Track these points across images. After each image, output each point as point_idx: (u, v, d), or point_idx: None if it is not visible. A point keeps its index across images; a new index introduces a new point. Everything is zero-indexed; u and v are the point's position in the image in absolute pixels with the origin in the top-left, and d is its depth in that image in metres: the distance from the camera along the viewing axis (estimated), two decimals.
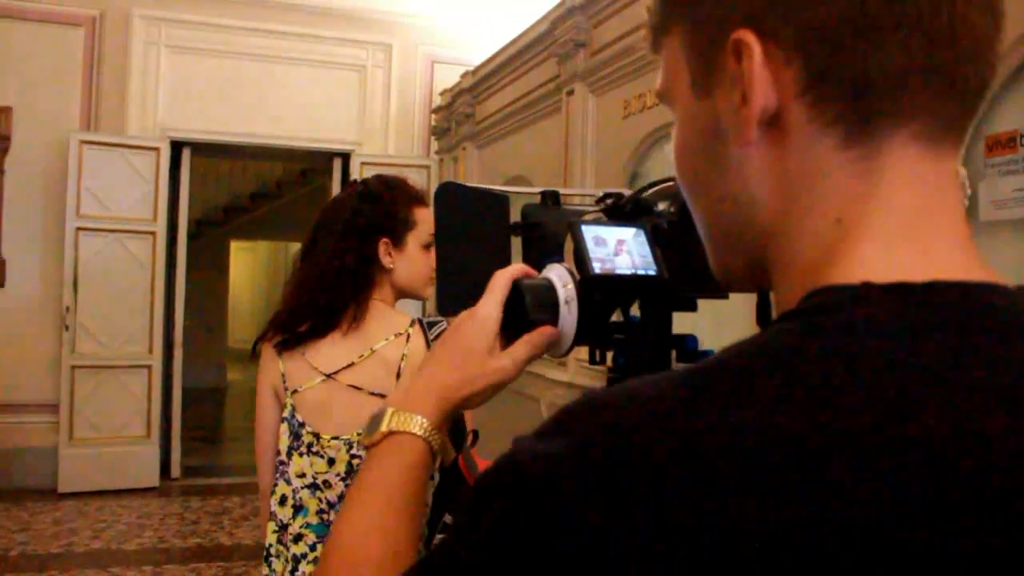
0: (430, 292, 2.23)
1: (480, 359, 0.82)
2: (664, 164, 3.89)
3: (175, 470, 7.02)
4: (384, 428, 0.79)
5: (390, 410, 0.80)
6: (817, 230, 0.52)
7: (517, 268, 0.87)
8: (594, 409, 0.48)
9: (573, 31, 4.48)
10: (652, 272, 0.84)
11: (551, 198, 0.98)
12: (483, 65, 6.17)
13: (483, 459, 2.08)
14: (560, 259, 0.88)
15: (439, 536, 1.94)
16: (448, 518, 1.94)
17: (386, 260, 2.10)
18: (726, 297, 0.89)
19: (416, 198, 2.18)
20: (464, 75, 6.54)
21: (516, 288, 0.86)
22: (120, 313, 6.53)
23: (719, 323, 2.74)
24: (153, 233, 6.68)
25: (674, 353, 0.92)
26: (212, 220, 13.39)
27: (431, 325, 2.13)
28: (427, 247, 2.14)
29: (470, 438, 2.08)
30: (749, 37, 0.51)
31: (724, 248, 0.61)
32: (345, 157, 7.36)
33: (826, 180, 0.52)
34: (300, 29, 7.18)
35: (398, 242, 2.12)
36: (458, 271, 0.99)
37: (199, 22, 6.98)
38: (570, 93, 4.63)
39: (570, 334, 0.84)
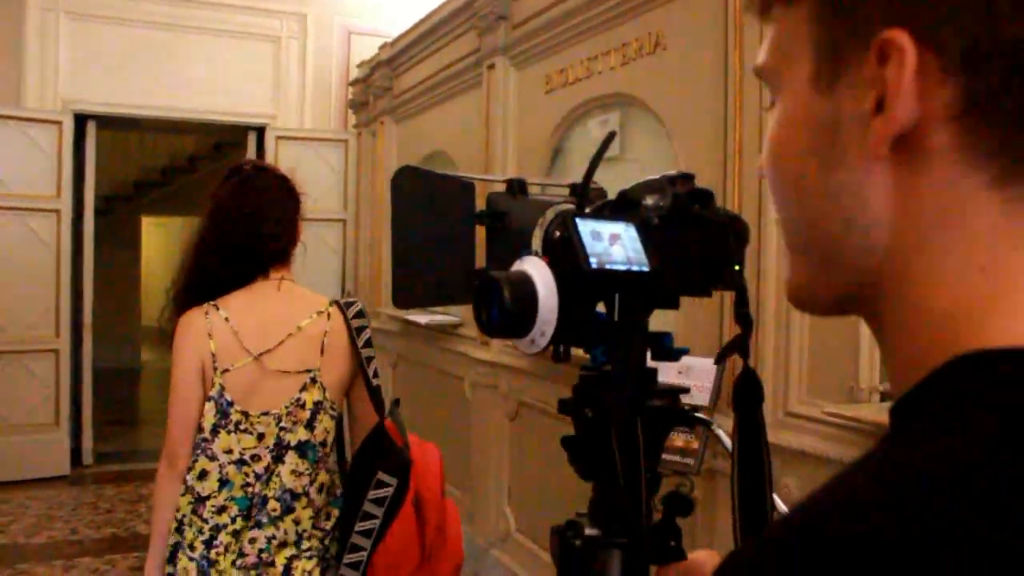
0: None
1: None
2: (586, 142, 3.85)
3: (87, 457, 6.79)
4: None
5: None
6: (955, 277, 0.46)
7: None
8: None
9: (493, 3, 4.39)
10: (645, 268, 0.81)
11: (517, 187, 0.95)
12: (402, 37, 6.02)
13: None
14: (531, 251, 0.84)
15: (374, 492, 2.04)
16: (381, 475, 2.06)
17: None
18: (709, 295, 0.90)
19: None
20: (382, 47, 6.38)
21: (491, 280, 0.81)
22: (23, 295, 6.24)
23: (688, 320, 2.73)
24: (57, 211, 6.39)
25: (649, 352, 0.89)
26: (122, 195, 12.93)
27: (347, 305, 2.27)
28: None
29: (394, 404, 2.22)
30: (905, 41, 0.44)
31: (820, 267, 0.53)
32: (260, 131, 7.14)
33: (970, 221, 0.45)
34: None
35: None
36: (416, 262, 0.97)
37: None
38: (491, 67, 4.54)
39: (549, 331, 0.80)
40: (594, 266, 0.78)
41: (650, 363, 0.89)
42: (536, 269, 0.81)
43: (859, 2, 0.47)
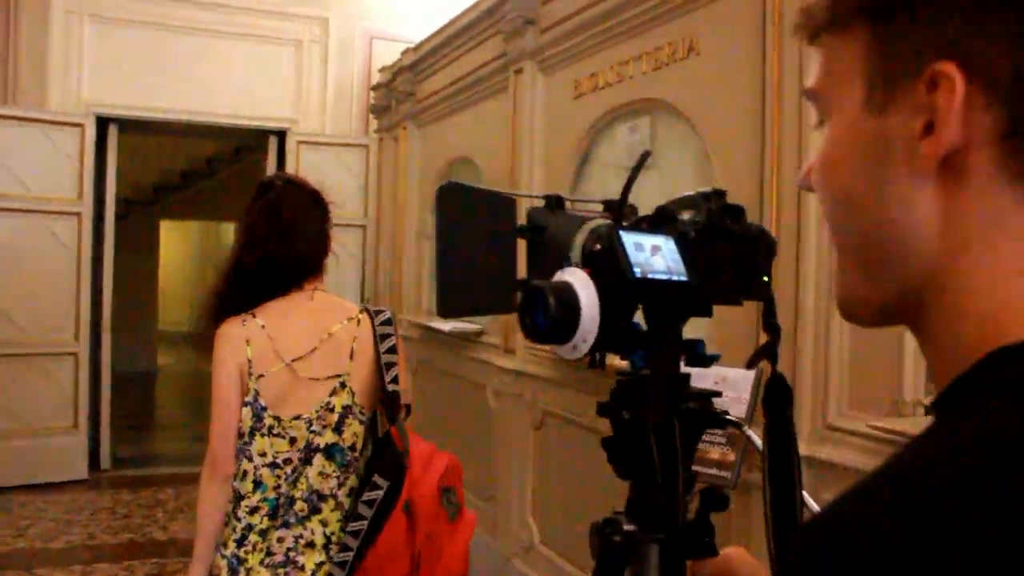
0: None
1: None
2: (615, 148, 3.79)
3: (105, 461, 6.76)
4: None
5: None
6: (995, 282, 0.50)
7: None
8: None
9: (522, 7, 4.34)
10: (684, 278, 0.87)
11: (555, 202, 1.00)
12: (425, 42, 5.99)
13: (416, 435, 2.29)
14: (571, 263, 0.90)
15: (367, 493, 2.13)
16: (377, 478, 2.14)
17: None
18: (740, 304, 0.97)
19: None
20: (405, 52, 6.35)
21: (537, 289, 0.85)
22: (43, 297, 6.23)
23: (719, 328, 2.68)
24: (78, 213, 6.39)
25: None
26: (141, 199, 12.98)
27: (376, 313, 2.35)
28: None
29: (403, 412, 2.26)
30: (954, 72, 0.48)
31: (872, 275, 0.57)
32: (281, 135, 7.12)
33: (1008, 231, 0.50)
34: (233, 1, 6.89)
35: None
36: (461, 273, 1.03)
37: None
38: (518, 72, 4.49)
39: (591, 338, 0.85)
40: (638, 275, 0.83)
41: (683, 369, 0.95)
42: (578, 279, 0.86)
43: (912, 36, 0.51)
